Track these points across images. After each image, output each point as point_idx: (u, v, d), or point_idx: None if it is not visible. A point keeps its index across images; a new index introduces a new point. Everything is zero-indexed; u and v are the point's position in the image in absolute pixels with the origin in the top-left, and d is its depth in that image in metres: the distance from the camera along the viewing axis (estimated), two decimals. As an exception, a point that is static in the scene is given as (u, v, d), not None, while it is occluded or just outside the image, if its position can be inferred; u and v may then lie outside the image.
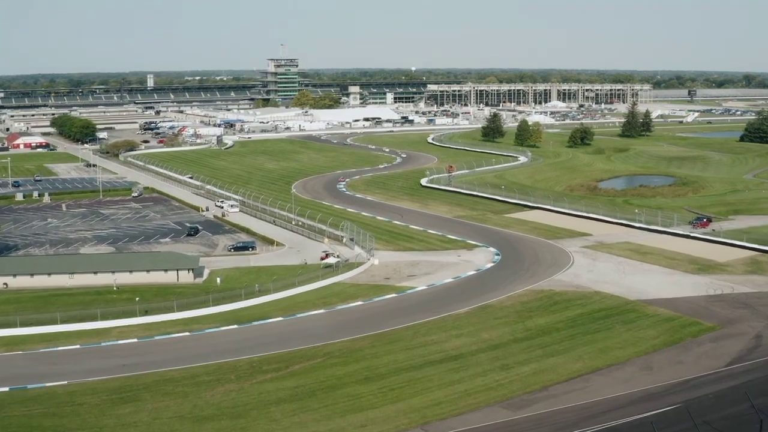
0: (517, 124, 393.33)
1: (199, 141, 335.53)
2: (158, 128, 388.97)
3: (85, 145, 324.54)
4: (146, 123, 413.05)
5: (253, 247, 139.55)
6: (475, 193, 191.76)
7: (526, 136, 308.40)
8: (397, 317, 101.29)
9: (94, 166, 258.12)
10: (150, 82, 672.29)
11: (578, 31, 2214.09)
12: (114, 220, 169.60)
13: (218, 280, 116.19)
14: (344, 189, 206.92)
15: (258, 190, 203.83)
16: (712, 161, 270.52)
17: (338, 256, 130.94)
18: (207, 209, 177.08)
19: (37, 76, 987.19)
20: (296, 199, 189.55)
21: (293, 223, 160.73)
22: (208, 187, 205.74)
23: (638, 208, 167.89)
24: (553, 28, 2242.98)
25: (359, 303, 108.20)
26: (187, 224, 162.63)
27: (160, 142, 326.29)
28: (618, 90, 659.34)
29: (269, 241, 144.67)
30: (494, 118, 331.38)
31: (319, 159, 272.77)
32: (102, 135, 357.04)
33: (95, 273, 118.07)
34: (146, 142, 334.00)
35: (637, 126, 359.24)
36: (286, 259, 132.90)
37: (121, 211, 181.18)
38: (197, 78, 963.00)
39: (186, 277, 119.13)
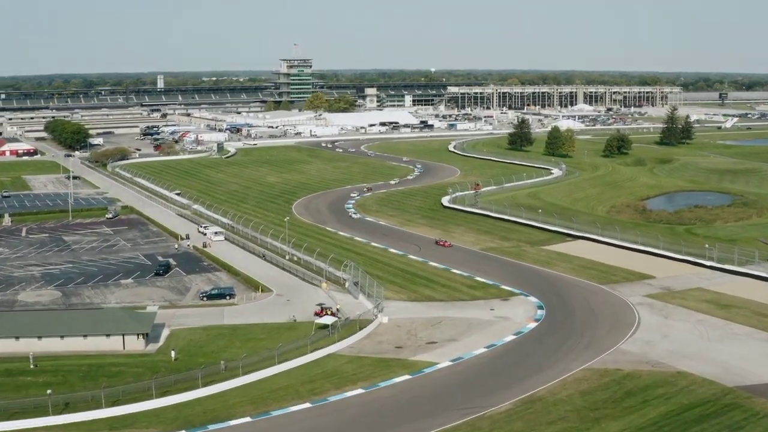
0: (543, 129, 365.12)
1: (199, 148, 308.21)
2: (158, 133, 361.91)
3: (76, 152, 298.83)
4: (147, 128, 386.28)
5: (231, 295, 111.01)
6: (506, 217, 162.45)
7: (557, 144, 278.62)
8: (410, 419, 72.42)
9: (76, 178, 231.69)
10: (160, 83, 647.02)
11: (599, 32, 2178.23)
12: (75, 251, 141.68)
13: (173, 353, 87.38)
14: (352, 210, 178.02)
15: (253, 211, 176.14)
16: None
17: (337, 311, 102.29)
18: (187, 237, 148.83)
19: (53, 76, 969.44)
20: (295, 223, 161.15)
21: (287, 257, 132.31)
22: (196, 206, 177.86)
23: (706, 240, 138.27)
24: (573, 28, 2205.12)
25: (359, 391, 79.08)
26: (159, 258, 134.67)
27: (157, 149, 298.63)
28: (647, 92, 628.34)
29: (254, 285, 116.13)
30: (522, 125, 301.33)
31: (327, 171, 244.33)
32: (97, 141, 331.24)
33: (17, 338, 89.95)
34: (157, 147, 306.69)
35: (676, 133, 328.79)
36: (271, 313, 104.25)
37: (88, 237, 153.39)
38: (213, 79, 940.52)
39: (135, 344, 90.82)
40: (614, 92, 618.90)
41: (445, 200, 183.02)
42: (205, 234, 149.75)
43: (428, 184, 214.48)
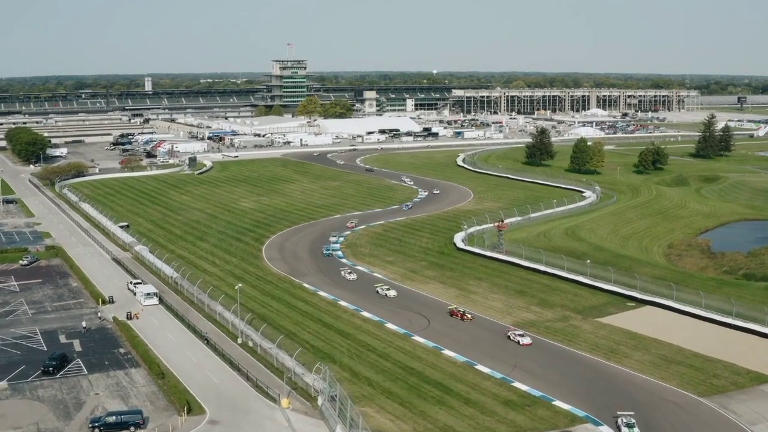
0: (560, 138, 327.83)
1: (171, 161, 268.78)
2: (130, 143, 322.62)
3: (31, 166, 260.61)
4: (120, 136, 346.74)
5: (137, 425, 71.36)
6: (542, 268, 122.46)
7: (584, 158, 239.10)
8: None
9: (12, 202, 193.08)
10: (148, 86, 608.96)
11: (601, 33, 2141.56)
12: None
13: None
14: (339, 253, 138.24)
15: (211, 254, 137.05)
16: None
17: (299, 465, 62.92)
18: (111, 300, 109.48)
19: (49, 78, 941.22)
20: (262, 276, 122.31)
21: (239, 340, 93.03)
22: (139, 247, 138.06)
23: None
24: (575, 30, 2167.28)
25: None
26: (62, 336, 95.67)
27: (121, 163, 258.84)
28: (662, 96, 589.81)
29: (180, 399, 76.44)
30: (542, 135, 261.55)
31: (315, 192, 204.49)
32: (58, 152, 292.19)
33: None
34: (122, 161, 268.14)
35: (714, 144, 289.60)
36: (194, 465, 64.84)
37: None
38: (209, 81, 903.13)
39: None
40: (629, 96, 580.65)
41: (459, 238, 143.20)
42: (135, 293, 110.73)
43: (435, 213, 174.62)
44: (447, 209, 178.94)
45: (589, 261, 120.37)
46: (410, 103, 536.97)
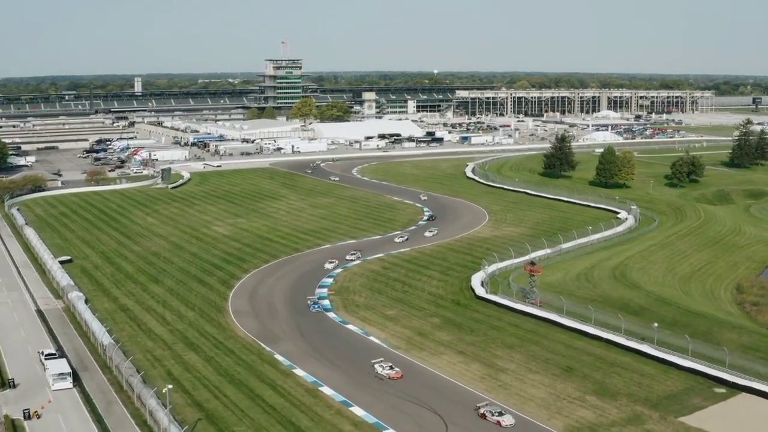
0: (574, 143, 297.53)
1: (145, 171, 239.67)
2: (105, 150, 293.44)
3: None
4: (96, 142, 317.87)
5: None
6: (591, 331, 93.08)
7: (612, 170, 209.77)
8: None
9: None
10: (137, 87, 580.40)
11: (600, 33, 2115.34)
12: None
13: None
14: (326, 302, 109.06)
15: (163, 304, 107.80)
16: None
17: None
18: (12, 385, 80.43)
19: (45, 78, 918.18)
20: (224, 341, 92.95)
21: (173, 464, 63.96)
22: (74, 294, 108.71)
23: None
24: (577, 30, 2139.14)
25: None
26: None
27: (88, 175, 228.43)
28: (676, 97, 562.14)
29: None
30: (562, 143, 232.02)
31: (303, 213, 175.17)
32: (25, 160, 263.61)
33: None
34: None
35: (751, 151, 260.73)
36: None
37: None
38: (206, 81, 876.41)
39: None
40: (640, 97, 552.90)
41: (478, 281, 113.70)
42: (45, 368, 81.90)
43: (446, 242, 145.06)
44: (459, 236, 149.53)
45: (656, 324, 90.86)
46: (411, 104, 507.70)
